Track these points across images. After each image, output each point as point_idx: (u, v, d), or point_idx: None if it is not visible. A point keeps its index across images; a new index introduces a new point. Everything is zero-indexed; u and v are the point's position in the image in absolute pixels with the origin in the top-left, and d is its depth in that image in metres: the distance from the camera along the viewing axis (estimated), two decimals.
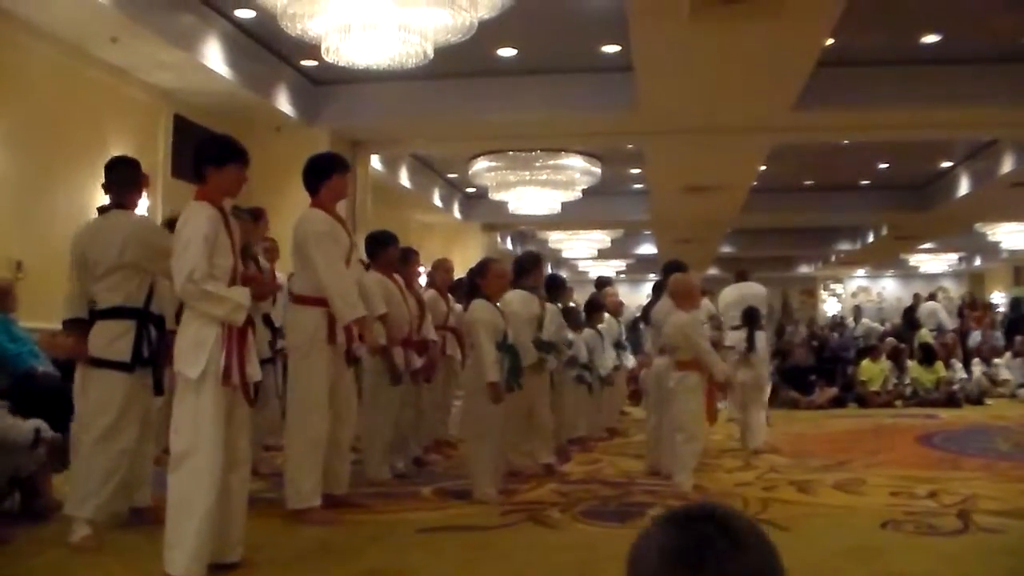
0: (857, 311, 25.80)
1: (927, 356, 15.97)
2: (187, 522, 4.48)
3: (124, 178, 5.86)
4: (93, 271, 5.56)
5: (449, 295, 9.51)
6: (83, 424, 5.54)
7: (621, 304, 13.22)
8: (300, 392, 6.13)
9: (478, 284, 7.33)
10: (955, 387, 15.50)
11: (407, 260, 8.58)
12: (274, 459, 7.99)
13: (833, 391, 15.20)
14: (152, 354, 5.55)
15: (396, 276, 8.04)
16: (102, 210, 5.84)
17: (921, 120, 13.93)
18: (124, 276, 5.51)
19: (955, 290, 33.05)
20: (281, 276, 8.27)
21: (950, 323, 20.95)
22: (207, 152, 4.99)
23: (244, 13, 11.05)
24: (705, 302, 12.61)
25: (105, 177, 5.87)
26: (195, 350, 4.61)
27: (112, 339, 5.47)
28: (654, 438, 8.43)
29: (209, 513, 4.52)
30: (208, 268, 4.63)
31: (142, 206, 10.19)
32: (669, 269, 8.79)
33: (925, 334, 18.14)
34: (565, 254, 28.07)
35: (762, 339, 10.00)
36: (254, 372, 4.85)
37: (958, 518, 6.12)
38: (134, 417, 5.48)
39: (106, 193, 5.85)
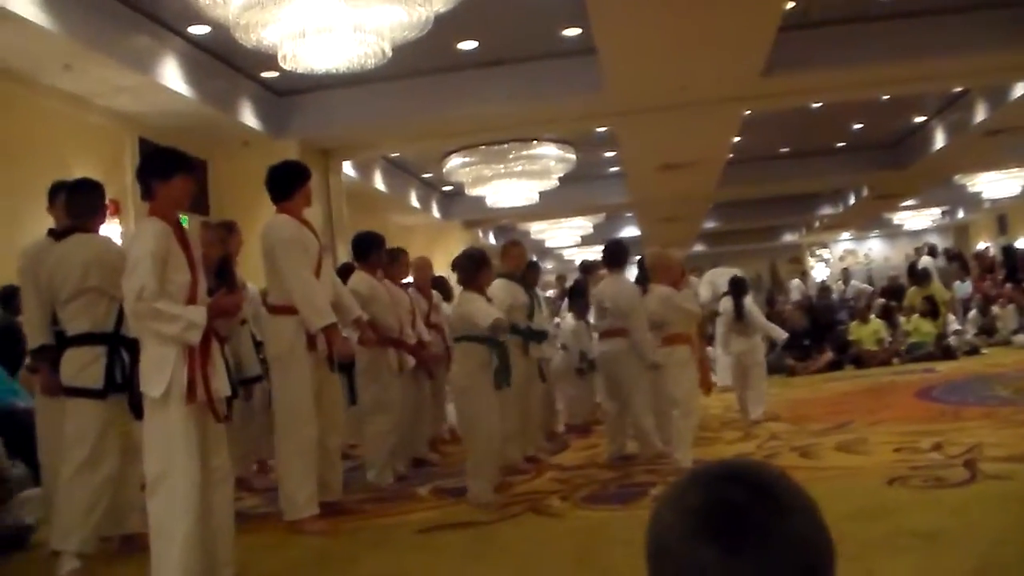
0: (846, 274, 25.70)
1: (933, 309, 15.89)
2: (169, 547, 4.33)
3: (87, 202, 5.72)
4: (57, 297, 5.43)
5: (433, 291, 9.40)
6: (57, 454, 5.42)
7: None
8: (285, 402, 6.01)
9: (478, 275, 6.85)
10: (950, 340, 15.41)
11: (395, 259, 8.55)
12: (268, 475, 7.87)
13: (828, 355, 15.10)
14: (127, 378, 5.39)
15: (384, 278, 7.95)
16: (58, 234, 5.70)
17: (889, 76, 13.84)
18: (89, 301, 5.39)
19: (941, 244, 33.00)
20: (254, 288, 8.15)
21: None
22: (152, 167, 4.85)
23: (198, 29, 10.90)
24: (693, 279, 12.58)
25: (67, 200, 5.73)
26: (157, 369, 4.45)
27: (83, 366, 5.33)
28: (613, 424, 8.21)
29: (191, 535, 4.37)
30: (158, 286, 4.46)
31: (113, 232, 10.11)
32: (612, 249, 8.59)
33: (938, 287, 17.70)
34: (548, 243, 27.97)
35: (753, 306, 9.87)
36: (221, 387, 4.69)
37: (965, 468, 6.03)
38: (113, 444, 5.34)
39: (52, 214, 5.75)
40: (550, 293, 15.48)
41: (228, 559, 4.72)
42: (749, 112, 15.64)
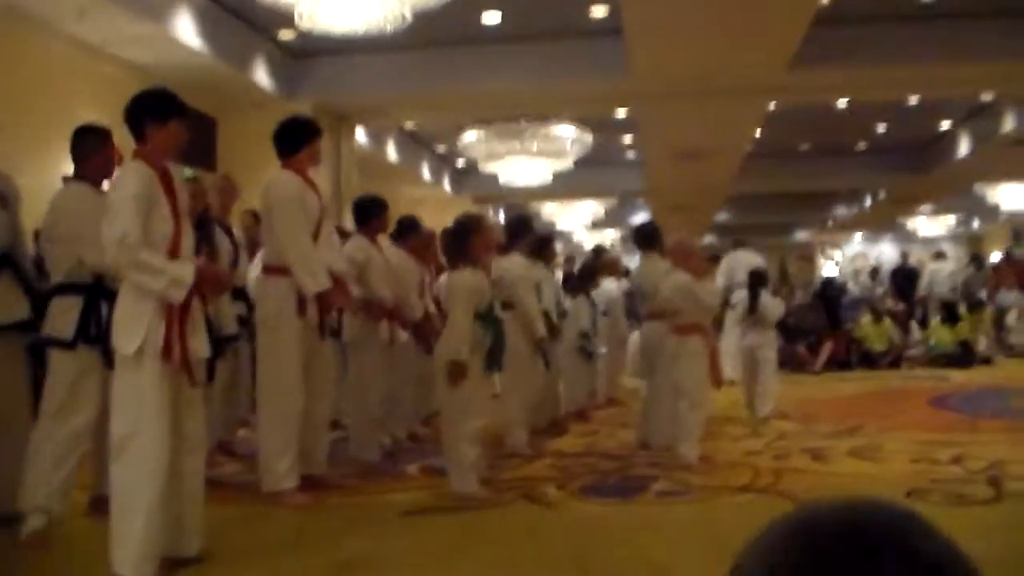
0: (856, 275, 25.38)
1: (950, 315, 15.56)
2: (133, 515, 4.02)
3: (83, 146, 5.42)
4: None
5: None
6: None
7: (617, 261, 12.78)
8: (270, 368, 5.74)
9: (467, 243, 6.15)
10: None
11: (429, 243, 8.63)
12: (252, 439, 7.58)
13: (829, 345, 14.67)
14: (100, 329, 5.04)
15: (381, 244, 7.66)
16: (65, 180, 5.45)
17: (920, 78, 13.62)
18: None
19: (953, 253, 32.66)
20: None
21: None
22: (148, 107, 4.45)
23: None
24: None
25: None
26: (131, 324, 4.13)
27: (57, 315, 5.04)
28: (646, 409, 7.98)
29: (157, 504, 4.06)
30: (141, 232, 4.14)
31: None
32: (644, 231, 8.42)
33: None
34: (559, 225, 27.67)
35: (770, 300, 9.54)
36: (200, 348, 4.38)
37: (989, 485, 5.71)
38: (88, 397, 5.00)
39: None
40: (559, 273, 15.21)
41: (196, 530, 4.42)
42: (773, 106, 15.33)
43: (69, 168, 5.58)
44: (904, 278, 20.74)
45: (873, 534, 0.85)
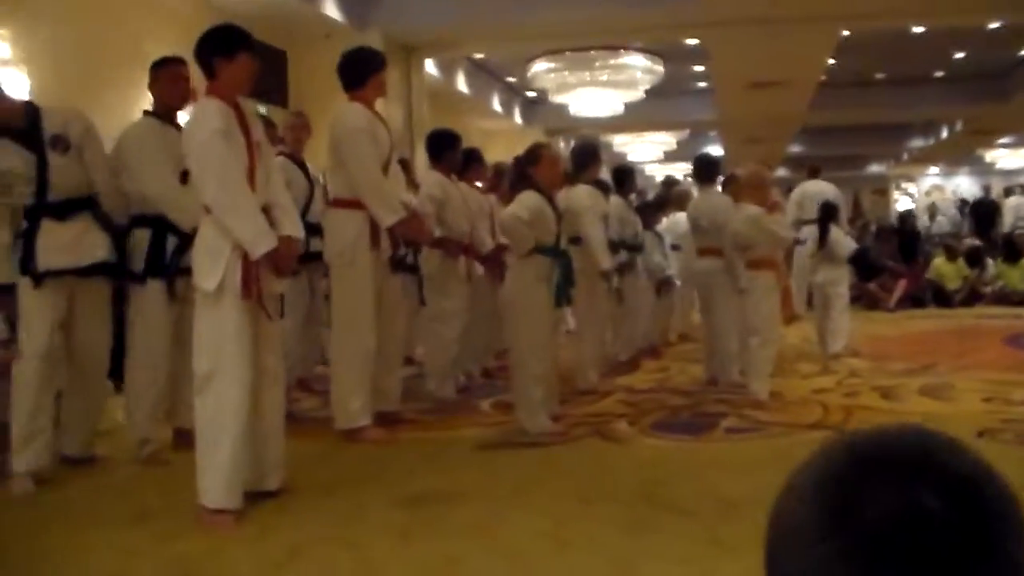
0: (933, 209, 24.93)
1: (1011, 252, 15.23)
2: (217, 449, 4.13)
3: (152, 77, 5.58)
4: None
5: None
6: None
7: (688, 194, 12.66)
8: (344, 303, 5.79)
9: (529, 173, 6.21)
10: None
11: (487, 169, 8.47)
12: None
13: (903, 283, 14.50)
14: (165, 262, 5.19)
15: (456, 179, 7.60)
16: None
17: (1001, 1, 13.15)
18: None
19: None
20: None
21: None
22: (215, 43, 4.43)
23: None
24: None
25: None
26: (211, 261, 4.18)
27: (133, 248, 5.20)
28: (707, 346, 7.98)
29: (240, 438, 4.17)
30: (241, 169, 4.21)
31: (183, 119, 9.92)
32: (701, 163, 8.35)
33: None
34: (630, 157, 27.47)
35: (840, 235, 9.39)
36: (274, 284, 4.45)
37: None
38: (164, 331, 5.19)
39: None
40: None
41: (277, 464, 4.53)
42: (847, 33, 15.03)
43: (138, 105, 5.69)
44: (984, 212, 20.31)
45: (914, 450, 0.91)
